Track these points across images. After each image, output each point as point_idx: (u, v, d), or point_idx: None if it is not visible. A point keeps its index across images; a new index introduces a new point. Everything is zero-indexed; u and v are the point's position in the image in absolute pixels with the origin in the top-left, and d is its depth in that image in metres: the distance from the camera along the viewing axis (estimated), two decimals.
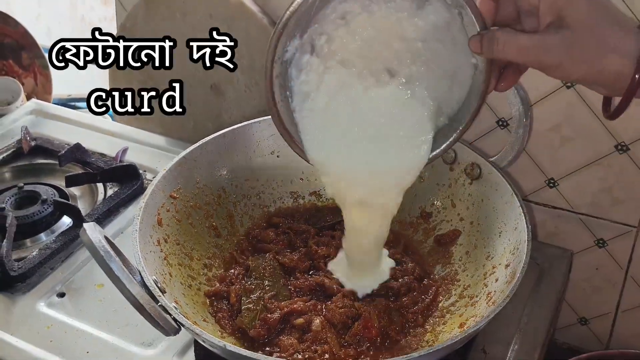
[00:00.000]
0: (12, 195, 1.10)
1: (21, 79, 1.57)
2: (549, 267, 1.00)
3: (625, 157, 0.95)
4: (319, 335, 0.79)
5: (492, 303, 0.77)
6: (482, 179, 0.91)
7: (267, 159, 1.01)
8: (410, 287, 0.87)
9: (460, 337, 0.70)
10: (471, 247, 0.90)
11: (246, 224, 0.99)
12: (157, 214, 0.87)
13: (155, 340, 0.88)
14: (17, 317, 0.92)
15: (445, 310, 0.85)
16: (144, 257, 0.77)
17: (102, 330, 0.90)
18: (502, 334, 0.89)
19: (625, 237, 1.02)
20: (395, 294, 0.87)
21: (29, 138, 1.26)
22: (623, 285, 1.07)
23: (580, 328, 1.14)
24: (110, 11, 1.51)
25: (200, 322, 0.79)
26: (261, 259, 0.92)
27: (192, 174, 0.94)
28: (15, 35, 1.56)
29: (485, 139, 1.04)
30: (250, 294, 0.85)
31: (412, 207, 0.99)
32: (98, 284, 0.97)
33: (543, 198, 1.05)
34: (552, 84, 0.94)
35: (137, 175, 1.16)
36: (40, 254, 1.00)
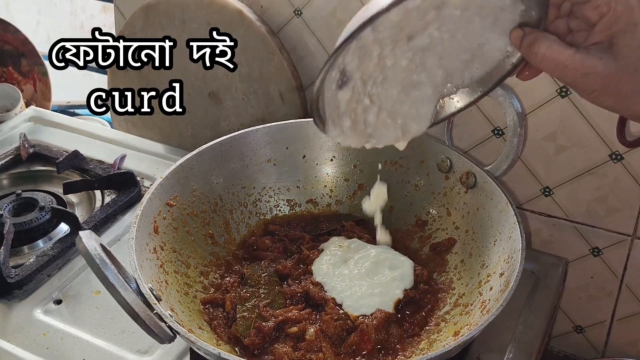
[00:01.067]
0: (10, 202, 1.11)
1: (20, 86, 1.58)
2: (544, 275, 1.00)
3: (619, 166, 0.96)
4: (313, 345, 0.80)
5: (487, 312, 0.77)
6: (477, 188, 0.92)
7: (264, 166, 1.01)
8: (412, 297, 0.87)
9: (453, 346, 0.70)
10: (466, 255, 0.91)
11: (242, 232, 0.99)
12: (153, 222, 0.87)
13: (152, 347, 0.88)
14: (14, 324, 0.92)
15: (440, 318, 0.85)
16: (140, 264, 0.77)
17: (99, 337, 0.90)
18: (497, 343, 0.89)
19: (620, 245, 1.02)
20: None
21: (27, 145, 1.27)
22: (618, 293, 1.07)
23: (575, 336, 1.14)
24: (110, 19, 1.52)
25: (196, 330, 0.80)
26: (257, 266, 0.92)
27: (188, 181, 0.94)
28: (15, 42, 1.57)
29: (481, 147, 1.04)
30: (246, 301, 0.85)
31: (408, 215, 0.99)
32: (95, 291, 0.97)
33: (538, 206, 1.05)
34: (547, 93, 0.95)
35: (135, 182, 1.16)
36: (38, 261, 1.01)
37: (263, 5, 1.22)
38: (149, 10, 1.27)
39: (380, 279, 0.87)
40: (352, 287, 0.86)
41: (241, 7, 1.19)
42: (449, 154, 0.95)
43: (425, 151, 0.98)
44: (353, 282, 0.87)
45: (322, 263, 0.91)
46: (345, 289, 0.86)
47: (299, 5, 1.19)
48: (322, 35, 1.20)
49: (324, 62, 0.67)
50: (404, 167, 1.00)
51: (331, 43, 1.20)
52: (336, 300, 0.85)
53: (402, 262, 0.90)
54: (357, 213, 1.02)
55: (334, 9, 1.16)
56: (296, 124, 1.02)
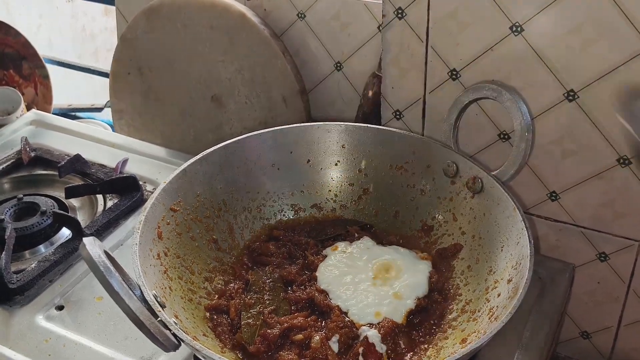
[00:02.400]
0: (12, 207, 1.10)
1: (21, 89, 1.58)
2: (551, 280, 0.99)
3: (627, 171, 0.95)
4: (319, 352, 0.79)
5: (495, 319, 0.76)
6: (484, 193, 0.91)
7: (268, 171, 1.01)
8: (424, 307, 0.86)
9: (462, 354, 0.69)
10: (473, 261, 0.90)
11: (247, 237, 0.98)
12: (157, 227, 0.86)
13: (155, 354, 0.87)
14: (16, 330, 0.92)
15: (447, 325, 0.84)
16: (144, 271, 0.76)
17: (101, 344, 0.89)
18: (505, 349, 0.88)
19: (628, 250, 1.01)
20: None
21: (29, 149, 1.26)
22: (625, 299, 1.06)
23: (582, 342, 1.13)
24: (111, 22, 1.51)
25: (200, 337, 0.79)
26: (261, 272, 0.91)
27: (192, 186, 0.93)
28: (16, 45, 1.56)
29: (487, 152, 1.03)
30: (250, 308, 0.85)
31: (414, 220, 0.98)
32: (97, 297, 0.96)
33: (545, 211, 1.04)
34: (554, 97, 0.94)
35: (137, 186, 1.15)
36: (39, 266, 1.00)
37: (266, 9, 1.21)
38: (151, 13, 1.26)
39: (390, 287, 0.87)
40: (358, 296, 0.85)
41: (244, 10, 1.18)
42: (455, 159, 0.94)
43: (431, 156, 0.97)
44: (360, 290, 0.86)
45: (327, 270, 0.90)
46: (350, 297, 0.85)
47: (302, 8, 1.18)
48: (325, 38, 1.19)
49: None
50: (409, 171, 0.99)
51: (334, 46, 1.19)
52: (341, 308, 0.84)
53: (416, 267, 0.89)
54: (362, 218, 1.01)
55: (338, 12, 1.16)
56: (300, 128, 1.01)
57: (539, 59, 0.92)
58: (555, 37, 0.90)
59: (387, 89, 1.08)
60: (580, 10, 0.86)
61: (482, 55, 0.96)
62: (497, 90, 0.91)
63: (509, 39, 0.92)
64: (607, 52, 0.87)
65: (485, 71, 0.96)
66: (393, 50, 1.03)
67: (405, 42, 1.01)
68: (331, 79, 1.22)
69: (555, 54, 0.91)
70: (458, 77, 0.99)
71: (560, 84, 0.93)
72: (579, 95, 0.92)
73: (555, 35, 0.89)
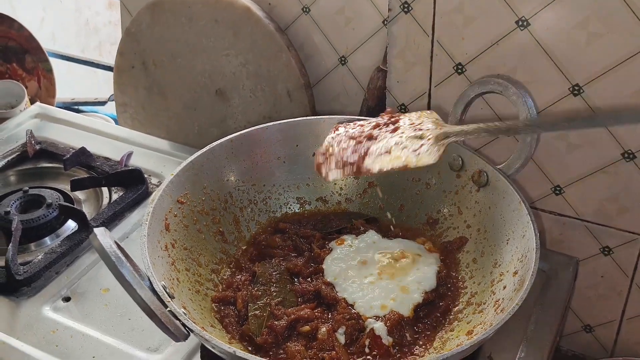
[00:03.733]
0: (17, 199, 1.10)
1: (25, 82, 1.58)
2: (555, 274, 1.00)
3: (631, 165, 0.95)
4: (326, 343, 0.79)
5: (501, 311, 0.77)
6: (489, 186, 0.91)
7: (274, 164, 1.01)
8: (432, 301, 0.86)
9: (469, 345, 0.70)
10: (478, 254, 0.90)
11: (252, 230, 0.99)
12: (164, 219, 0.86)
13: (161, 345, 0.88)
14: (23, 321, 0.92)
15: (453, 317, 0.85)
16: (152, 262, 0.77)
17: (108, 335, 0.90)
18: (509, 341, 0.88)
19: (631, 245, 1.02)
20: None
21: (34, 142, 1.26)
22: (628, 293, 1.06)
23: (585, 335, 1.14)
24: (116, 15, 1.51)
25: (208, 328, 0.79)
26: (267, 264, 0.92)
27: (199, 179, 0.94)
28: (19, 39, 1.56)
29: (492, 145, 1.04)
30: (257, 300, 0.85)
31: (419, 214, 0.99)
32: (103, 289, 0.97)
33: (549, 205, 1.05)
34: (559, 92, 0.94)
35: (142, 179, 1.15)
36: (46, 258, 1.00)
37: (271, 2, 1.22)
38: (155, 7, 1.26)
39: (398, 281, 0.87)
40: (364, 289, 0.86)
41: (249, 4, 1.18)
42: (461, 152, 0.95)
43: None
44: (366, 283, 0.87)
45: (333, 263, 0.90)
46: (356, 290, 0.86)
47: (307, 3, 1.18)
48: (330, 32, 1.19)
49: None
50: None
51: (339, 40, 1.20)
52: (347, 301, 0.85)
53: (425, 261, 0.90)
54: (367, 211, 1.02)
55: (342, 6, 1.16)
56: (306, 121, 1.01)
57: (544, 54, 0.92)
58: (561, 31, 0.90)
59: (392, 83, 1.08)
60: (586, 5, 0.87)
61: (488, 49, 0.96)
62: (503, 84, 0.91)
63: (515, 33, 0.93)
64: (612, 47, 0.88)
65: (490, 65, 0.97)
66: (399, 44, 1.03)
67: (411, 36, 1.01)
68: (335, 73, 1.23)
69: (560, 48, 0.91)
70: (464, 71, 1.00)
71: (565, 78, 0.93)
72: (584, 90, 0.92)
73: (561, 29, 0.90)
